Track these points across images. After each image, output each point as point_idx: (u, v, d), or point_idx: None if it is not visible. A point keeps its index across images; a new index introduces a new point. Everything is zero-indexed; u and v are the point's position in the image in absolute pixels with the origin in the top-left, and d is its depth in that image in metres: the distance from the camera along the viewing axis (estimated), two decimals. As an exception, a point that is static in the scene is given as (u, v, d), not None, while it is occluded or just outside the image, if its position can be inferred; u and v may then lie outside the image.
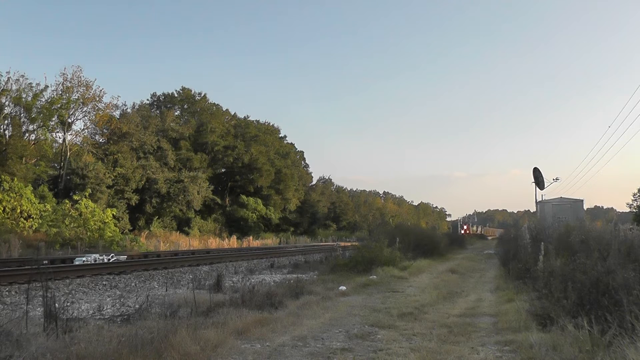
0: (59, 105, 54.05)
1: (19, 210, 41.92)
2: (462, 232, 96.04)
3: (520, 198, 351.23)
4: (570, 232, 22.81)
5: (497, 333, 9.68)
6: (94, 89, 57.03)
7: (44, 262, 24.05)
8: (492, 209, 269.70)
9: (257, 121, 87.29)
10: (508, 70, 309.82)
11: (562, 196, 45.26)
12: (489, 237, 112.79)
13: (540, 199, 42.94)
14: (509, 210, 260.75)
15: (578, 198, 45.39)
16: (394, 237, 29.27)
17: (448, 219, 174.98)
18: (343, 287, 16.58)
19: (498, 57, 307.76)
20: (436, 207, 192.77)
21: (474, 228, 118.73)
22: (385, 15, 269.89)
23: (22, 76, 51.34)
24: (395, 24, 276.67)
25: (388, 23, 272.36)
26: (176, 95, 79.47)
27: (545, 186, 40.21)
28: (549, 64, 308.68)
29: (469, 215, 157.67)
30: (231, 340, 8.69)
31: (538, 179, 38.46)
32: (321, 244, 70.51)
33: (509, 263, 22.14)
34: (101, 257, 27.58)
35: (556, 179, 42.43)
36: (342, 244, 53.29)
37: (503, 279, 19.82)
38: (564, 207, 41.92)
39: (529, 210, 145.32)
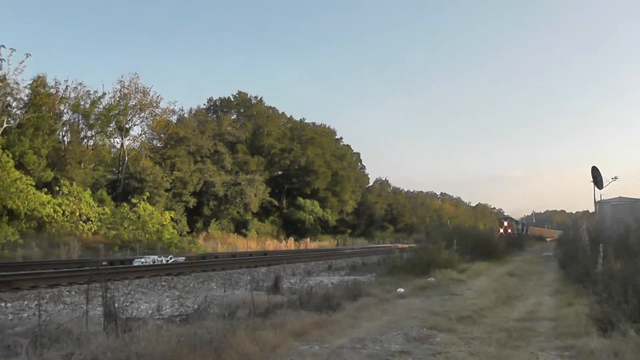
0: (116, 112, 55.30)
1: (78, 214, 42.98)
2: (502, 231, 73.12)
3: (578, 198, 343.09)
4: (629, 233, 22.38)
5: (556, 338, 9.55)
6: (150, 95, 58.24)
7: (103, 263, 24.56)
8: (550, 210, 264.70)
9: (313, 123, 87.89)
10: (566, 67, 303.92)
11: (622, 195, 44.15)
12: (548, 239, 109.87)
13: (599, 199, 42.02)
14: (567, 211, 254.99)
15: (638, 198, 44.27)
16: (451, 239, 29.07)
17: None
18: (401, 290, 16.55)
19: (556, 54, 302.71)
20: (494, 208, 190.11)
21: (519, 227, 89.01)
22: (446, 12, 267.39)
23: (80, 84, 52.74)
24: (455, 20, 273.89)
25: (448, 20, 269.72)
26: (232, 99, 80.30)
27: (604, 185, 39.22)
28: (608, 59, 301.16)
29: (527, 216, 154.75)
30: (289, 341, 8.75)
31: (596, 178, 37.53)
32: (378, 245, 70.40)
33: (567, 266, 21.82)
34: (160, 259, 28.02)
35: (615, 178, 41.36)
36: (400, 245, 53.14)
37: (562, 282, 19.49)
38: (623, 207, 40.91)
39: (587, 210, 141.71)
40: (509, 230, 75.57)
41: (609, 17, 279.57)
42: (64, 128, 51.90)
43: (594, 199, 40.18)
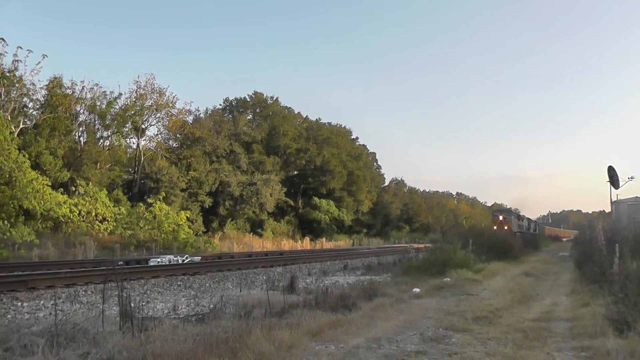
0: (132, 112, 55.42)
1: (94, 214, 43.15)
2: (496, 228, 54.64)
3: (595, 198, 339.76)
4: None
5: (573, 338, 9.51)
6: (167, 96, 58.17)
7: (119, 263, 24.52)
8: (566, 210, 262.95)
9: (329, 123, 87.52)
10: (582, 66, 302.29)
11: (638, 195, 43.84)
12: (564, 239, 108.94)
13: (616, 199, 41.65)
14: (583, 211, 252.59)
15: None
16: (467, 238, 28.98)
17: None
18: (417, 290, 16.54)
19: (571, 53, 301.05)
20: (510, 208, 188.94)
21: (523, 223, 70.41)
22: (462, 10, 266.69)
23: (97, 85, 52.87)
24: (470, 19, 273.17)
25: (464, 19, 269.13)
26: (248, 99, 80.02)
27: (621, 185, 38.82)
28: (623, 56, 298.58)
29: (543, 216, 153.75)
30: (305, 341, 8.78)
31: (613, 177, 37.14)
32: (394, 245, 70.21)
33: (583, 266, 21.69)
34: (175, 258, 28.00)
35: (631, 178, 40.95)
36: (415, 245, 52.92)
37: (578, 282, 19.38)
38: (639, 206, 40.61)
39: (604, 210, 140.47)
40: (505, 227, 57.36)
41: (626, 12, 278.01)
42: (80, 128, 52.08)
43: (610, 199, 39.82)
